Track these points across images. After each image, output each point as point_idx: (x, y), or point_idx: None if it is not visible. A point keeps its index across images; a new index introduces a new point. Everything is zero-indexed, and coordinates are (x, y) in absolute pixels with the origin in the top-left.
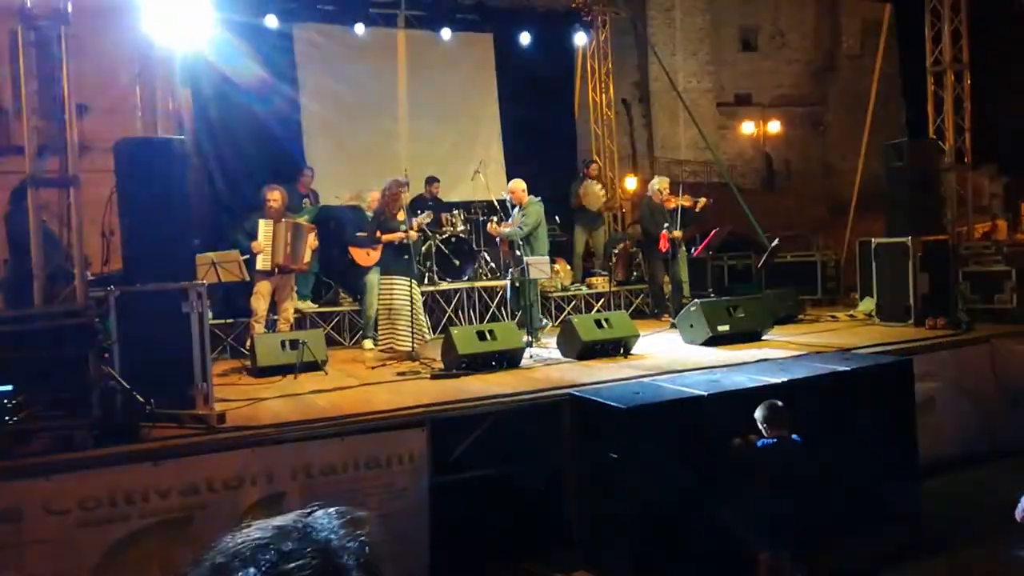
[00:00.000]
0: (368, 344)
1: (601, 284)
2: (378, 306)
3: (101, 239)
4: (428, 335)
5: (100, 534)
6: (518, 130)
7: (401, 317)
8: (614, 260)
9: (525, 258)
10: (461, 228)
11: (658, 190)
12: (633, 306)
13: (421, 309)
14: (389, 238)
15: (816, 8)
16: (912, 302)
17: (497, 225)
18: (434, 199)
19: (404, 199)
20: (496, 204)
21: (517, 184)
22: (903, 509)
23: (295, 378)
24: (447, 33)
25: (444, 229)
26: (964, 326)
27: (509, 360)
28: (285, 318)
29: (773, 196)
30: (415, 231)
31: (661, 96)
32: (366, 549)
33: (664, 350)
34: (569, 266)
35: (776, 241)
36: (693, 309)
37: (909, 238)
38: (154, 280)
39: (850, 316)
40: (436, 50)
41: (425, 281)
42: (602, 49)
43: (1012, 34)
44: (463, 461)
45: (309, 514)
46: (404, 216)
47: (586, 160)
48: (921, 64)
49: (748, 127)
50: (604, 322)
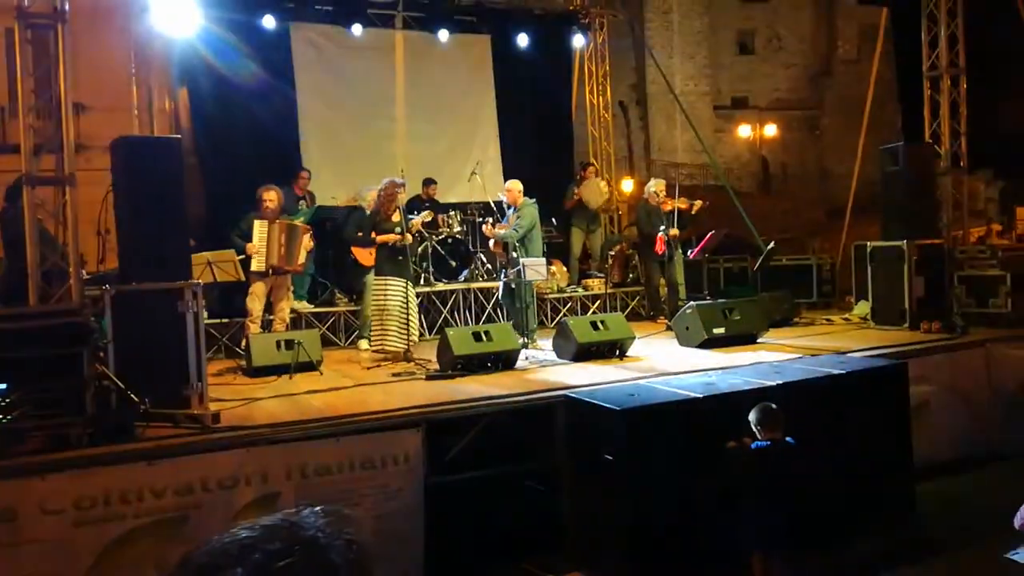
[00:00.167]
0: (363, 344)
1: (597, 286)
2: (372, 306)
3: (97, 238)
4: (415, 336)
5: (95, 534)
6: (515, 132)
7: (392, 318)
8: (610, 262)
9: (521, 259)
10: (458, 229)
11: (654, 192)
12: (629, 308)
13: (415, 310)
14: (383, 239)
15: (813, 12)
16: (907, 306)
17: (492, 227)
18: (431, 200)
19: (400, 200)
20: (493, 205)
21: (514, 184)
22: (898, 511)
23: (290, 378)
24: (444, 34)
25: (440, 230)
26: (959, 330)
27: (505, 361)
28: (281, 318)
29: (769, 199)
30: (416, 227)
31: (658, 99)
32: (354, 547)
33: (660, 352)
34: (565, 268)
35: (772, 244)
36: (689, 311)
37: (905, 242)
38: (150, 279)
39: (845, 319)
40: (433, 51)
41: (421, 282)
42: (599, 51)
43: (1008, 39)
44: (458, 462)
45: (297, 513)
46: (399, 217)
47: (583, 162)
48: (917, 68)
49: (745, 130)
50: (600, 324)
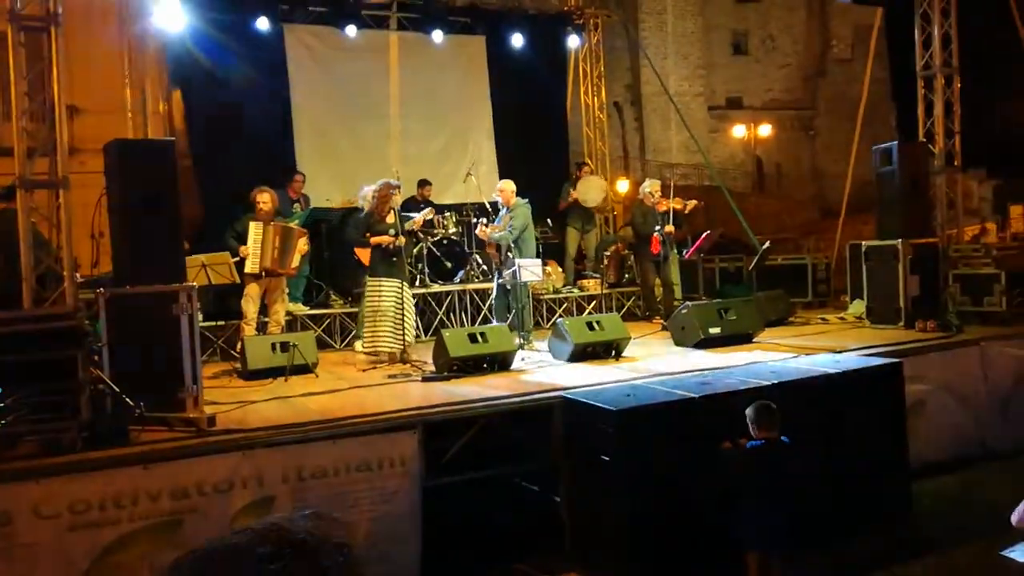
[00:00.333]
0: (359, 346)
1: (593, 286)
2: (366, 308)
3: (91, 241)
4: (411, 337)
5: (90, 538)
6: (510, 132)
7: (387, 319)
8: (606, 262)
9: (517, 260)
10: (453, 230)
11: (649, 192)
12: (625, 308)
13: (412, 311)
14: (377, 240)
15: (806, 12)
16: (902, 305)
17: (486, 228)
18: (426, 202)
19: (395, 201)
20: (488, 206)
21: (507, 185)
22: (893, 510)
23: (286, 381)
24: (439, 35)
25: (436, 231)
26: (954, 329)
27: (501, 363)
28: (276, 320)
29: (764, 199)
30: (418, 225)
31: (653, 99)
32: (344, 550)
33: (656, 352)
34: (561, 268)
35: (767, 244)
36: (684, 311)
37: (899, 241)
38: (144, 282)
39: (840, 319)
40: (428, 52)
41: (416, 283)
42: (594, 52)
43: (1001, 38)
44: (455, 464)
45: (287, 518)
46: (394, 218)
47: (578, 162)
48: (911, 68)
49: (739, 130)
50: (596, 324)
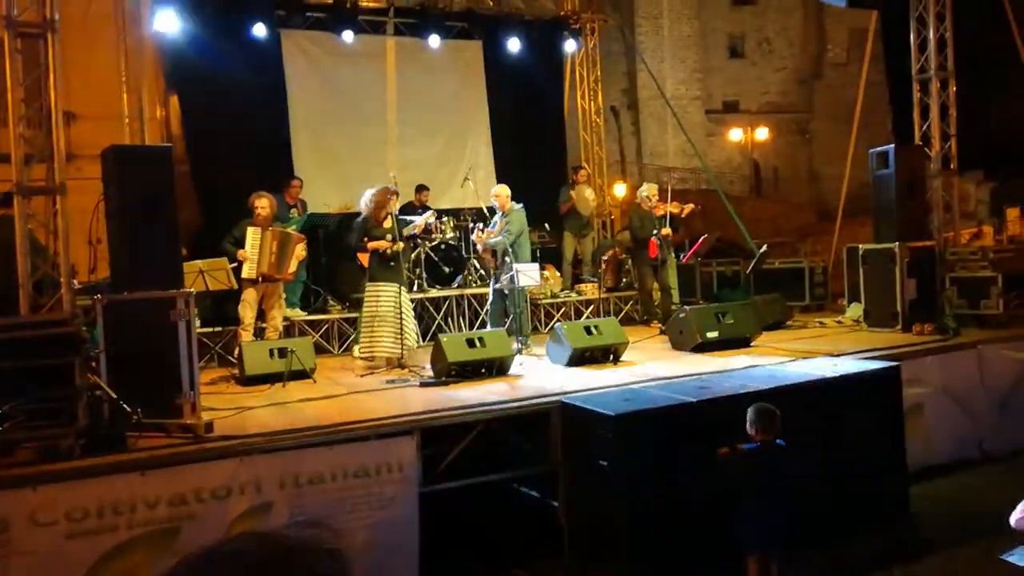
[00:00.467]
0: (357, 351)
1: (591, 291)
2: (364, 313)
3: (88, 247)
4: (412, 342)
5: (87, 545)
6: (507, 137)
7: (386, 324)
8: (603, 267)
9: (515, 265)
10: (451, 235)
11: (647, 197)
12: (623, 313)
13: (411, 316)
14: (374, 245)
15: (802, 16)
16: (899, 308)
17: (482, 234)
18: (423, 207)
19: (392, 206)
20: (486, 211)
21: (502, 190)
22: (892, 513)
23: (283, 386)
24: (436, 40)
25: (434, 236)
26: (951, 332)
27: (499, 367)
28: (274, 326)
29: (761, 202)
30: (420, 228)
31: (649, 103)
32: (337, 557)
33: (653, 357)
34: (559, 273)
35: (764, 247)
36: (682, 315)
37: (896, 244)
38: (141, 288)
39: (838, 322)
40: (425, 57)
41: (414, 288)
42: (591, 56)
43: (997, 41)
44: (453, 469)
45: (280, 525)
46: (391, 223)
47: (575, 166)
48: (907, 71)
49: (736, 134)
50: (594, 329)
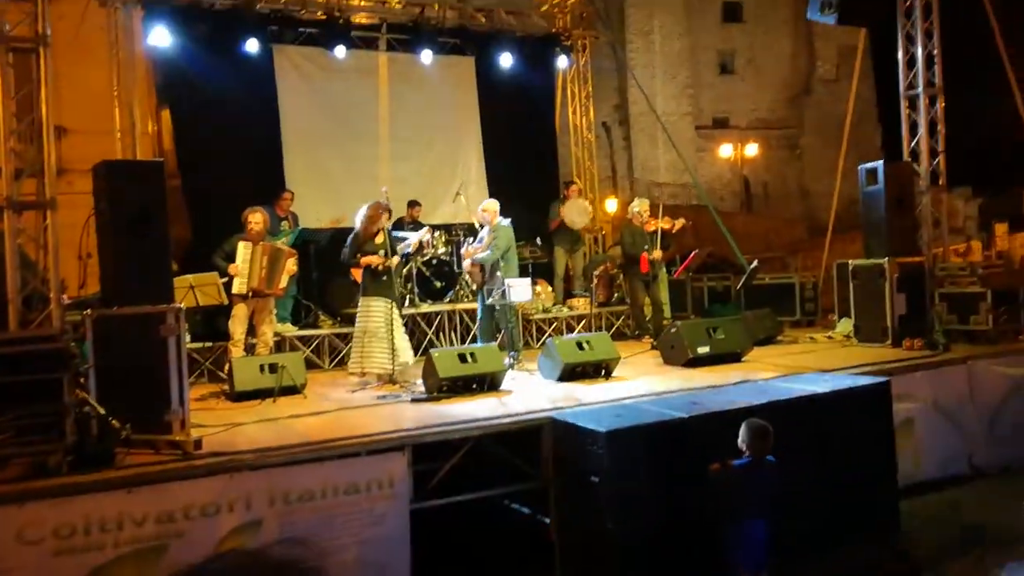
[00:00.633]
0: (350, 366)
1: (582, 306)
2: (356, 328)
3: (78, 262)
4: (405, 357)
5: (75, 563)
6: (499, 152)
7: (377, 339)
8: (595, 282)
9: (507, 280)
10: (442, 250)
11: (638, 212)
12: (614, 328)
13: (401, 331)
14: (367, 261)
15: (792, 33)
16: (889, 323)
17: (470, 249)
18: (415, 222)
19: (384, 222)
20: (477, 226)
21: (492, 205)
22: (882, 527)
23: (274, 402)
24: (428, 56)
25: (425, 251)
26: (941, 347)
27: (491, 383)
28: (264, 341)
29: (751, 218)
30: (415, 247)
31: (640, 119)
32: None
33: (645, 372)
34: (550, 288)
35: (755, 263)
36: (674, 331)
37: (886, 260)
38: (131, 303)
39: (829, 337)
40: (417, 73)
41: (406, 303)
42: (582, 72)
43: (985, 57)
44: (444, 486)
45: (271, 543)
46: (383, 239)
47: (566, 181)
48: (895, 88)
49: (726, 150)
50: (585, 344)
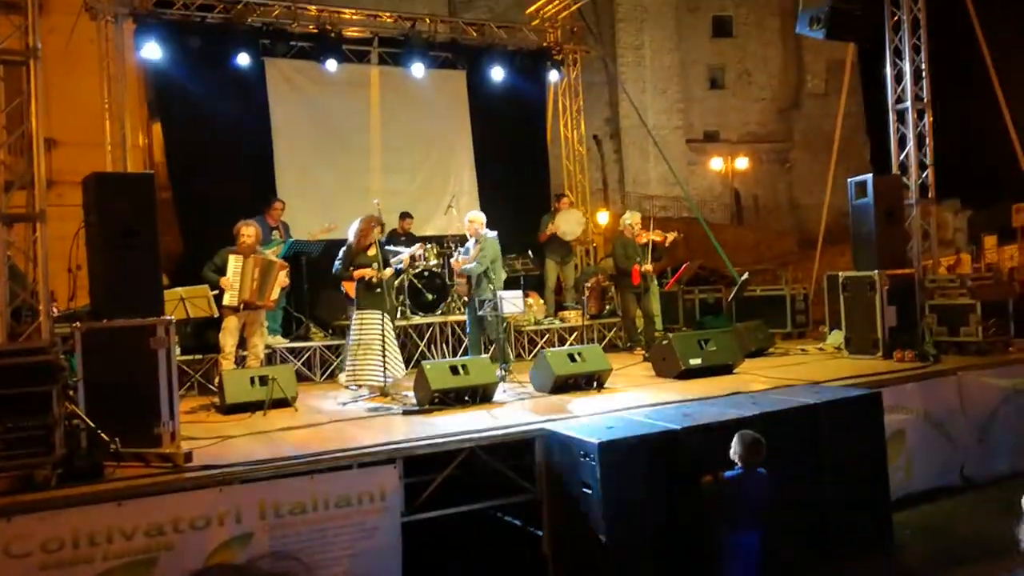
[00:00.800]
0: (342, 378)
1: (574, 318)
2: (351, 341)
3: (68, 274)
4: (399, 370)
5: None
6: (491, 165)
7: (371, 351)
8: (587, 294)
9: (499, 292)
10: (434, 262)
11: (630, 225)
12: (606, 340)
13: (394, 343)
14: (360, 273)
15: (781, 48)
16: (880, 335)
17: (459, 259)
18: (407, 234)
19: (377, 234)
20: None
21: (476, 217)
22: (875, 540)
23: (264, 415)
24: (420, 69)
25: (417, 264)
26: (931, 359)
27: (483, 395)
28: (255, 354)
29: (742, 230)
30: (407, 263)
31: (631, 132)
32: None
33: (637, 384)
34: (542, 300)
35: (746, 275)
36: (665, 343)
37: (876, 272)
38: (121, 316)
39: (819, 349)
40: (409, 86)
41: (398, 315)
42: (573, 86)
43: (972, 73)
44: (436, 498)
45: (259, 557)
46: (375, 251)
47: (558, 194)
48: (884, 102)
49: (716, 163)
50: (577, 356)
